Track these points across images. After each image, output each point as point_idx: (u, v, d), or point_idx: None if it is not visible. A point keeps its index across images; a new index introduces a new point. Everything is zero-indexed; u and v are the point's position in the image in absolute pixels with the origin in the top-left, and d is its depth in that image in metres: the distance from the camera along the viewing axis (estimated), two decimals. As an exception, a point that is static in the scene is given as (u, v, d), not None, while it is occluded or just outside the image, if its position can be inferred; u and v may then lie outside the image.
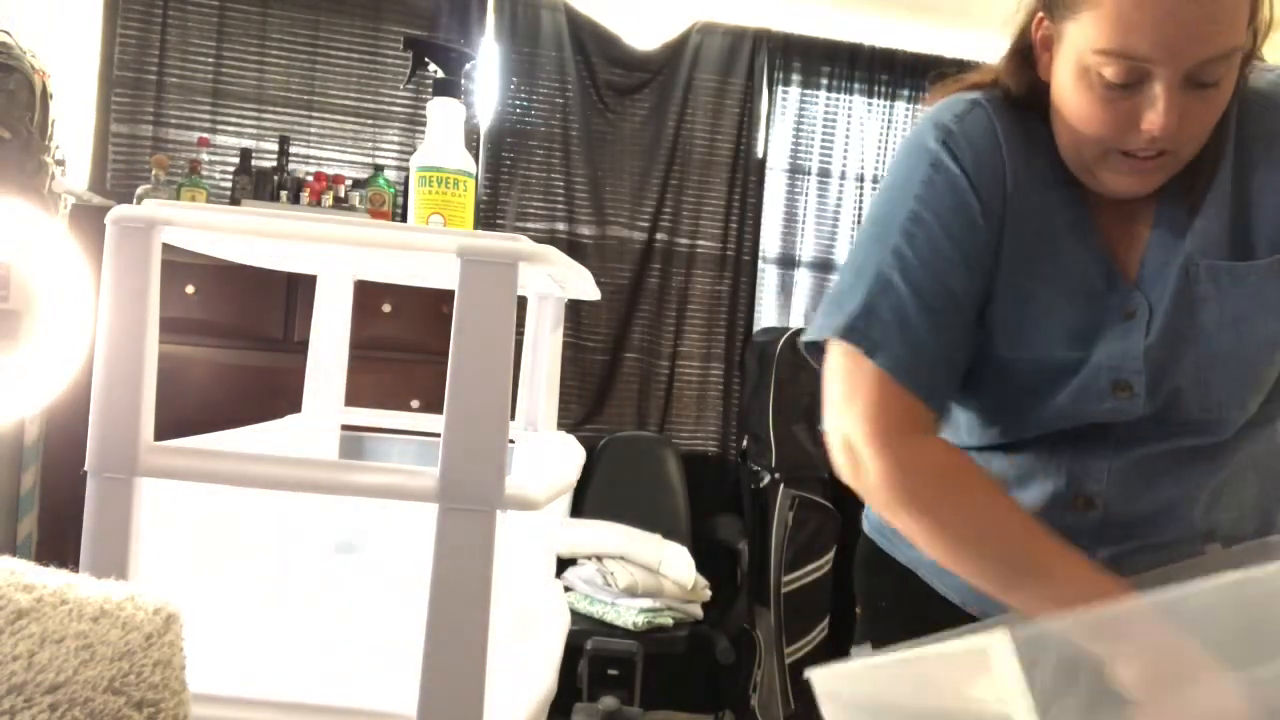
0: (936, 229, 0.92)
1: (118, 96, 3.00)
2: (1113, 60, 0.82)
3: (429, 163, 1.09)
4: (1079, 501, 0.98)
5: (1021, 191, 0.94)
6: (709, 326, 3.40)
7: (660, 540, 2.86)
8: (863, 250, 0.95)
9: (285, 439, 1.33)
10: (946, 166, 0.93)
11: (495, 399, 0.87)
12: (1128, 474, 0.96)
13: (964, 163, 0.93)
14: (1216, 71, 0.82)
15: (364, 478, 0.89)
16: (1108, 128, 0.86)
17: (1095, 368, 0.94)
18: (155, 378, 0.91)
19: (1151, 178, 0.88)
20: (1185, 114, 0.83)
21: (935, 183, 0.93)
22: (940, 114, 0.97)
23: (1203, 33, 0.79)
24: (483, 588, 0.86)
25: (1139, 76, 0.82)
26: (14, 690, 0.60)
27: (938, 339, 0.91)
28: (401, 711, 0.88)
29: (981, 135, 0.95)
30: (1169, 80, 0.81)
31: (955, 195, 0.93)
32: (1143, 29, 0.80)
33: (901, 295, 0.90)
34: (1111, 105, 0.84)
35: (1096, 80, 0.84)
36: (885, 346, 0.89)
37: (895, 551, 1.11)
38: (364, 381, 1.74)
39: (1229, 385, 0.93)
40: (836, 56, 3.42)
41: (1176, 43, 0.80)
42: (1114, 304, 0.94)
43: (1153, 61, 0.81)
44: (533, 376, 1.31)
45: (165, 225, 0.90)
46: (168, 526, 0.95)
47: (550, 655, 1.19)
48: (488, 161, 3.24)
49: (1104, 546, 0.97)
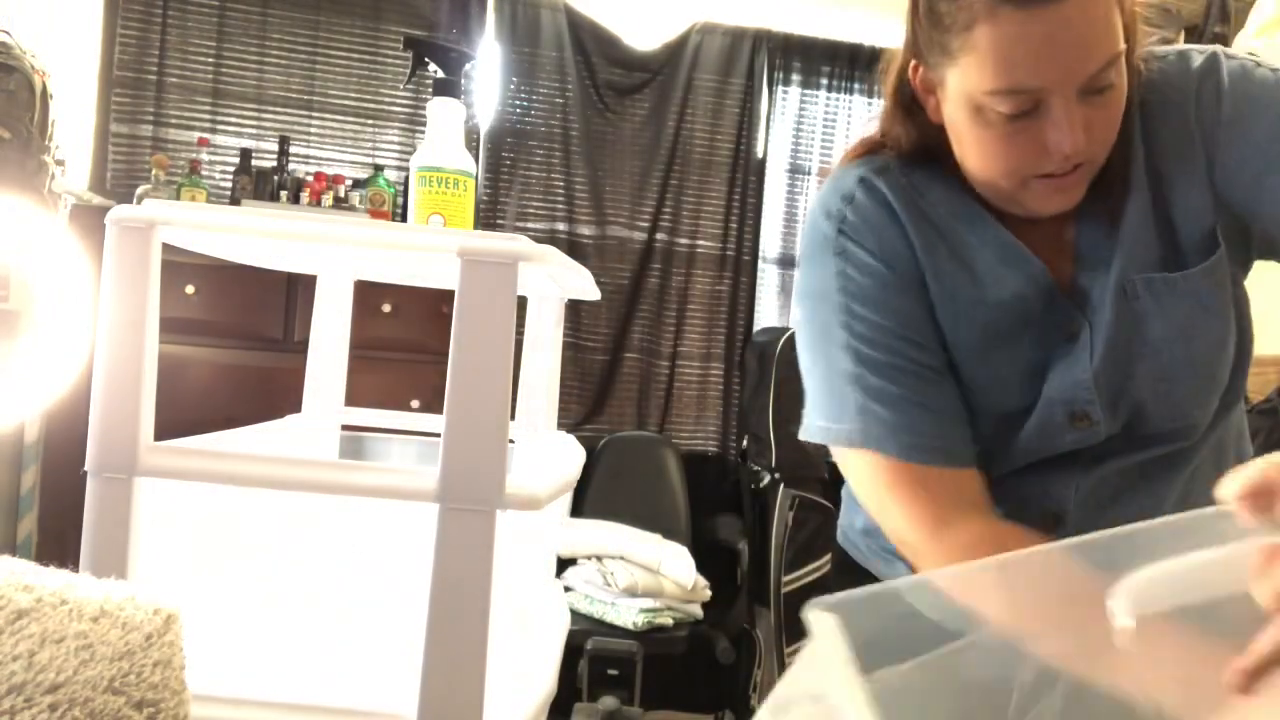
0: (870, 311, 0.92)
1: (118, 96, 3.00)
2: (1004, 97, 0.81)
3: (429, 163, 1.09)
4: (1048, 521, 0.96)
5: (932, 252, 0.93)
6: (709, 326, 3.40)
7: (660, 540, 2.86)
8: (819, 357, 0.95)
9: (285, 439, 1.33)
10: (852, 253, 0.93)
11: (495, 399, 0.87)
12: (1097, 490, 0.96)
13: (865, 244, 0.93)
14: (1107, 77, 0.81)
15: (364, 478, 0.89)
16: (1017, 159, 0.85)
17: (1049, 402, 0.93)
18: (155, 378, 0.91)
19: (1074, 191, 0.88)
20: (1089, 123, 0.82)
21: (847, 271, 0.93)
22: (829, 201, 0.97)
23: (1085, 49, 0.79)
24: (483, 588, 0.86)
25: (1034, 103, 0.81)
26: (14, 690, 0.60)
27: (929, 404, 0.91)
28: (401, 711, 0.87)
29: (874, 211, 0.94)
30: (1065, 99, 0.80)
31: (869, 276, 0.93)
32: (1026, 62, 0.79)
33: (874, 384, 0.90)
34: (1015, 137, 0.83)
35: (995, 118, 0.83)
36: (891, 438, 0.89)
37: (868, 565, 1.10)
38: (364, 381, 1.75)
39: (1189, 391, 0.92)
40: (836, 56, 3.42)
41: (1062, 66, 0.79)
42: (1054, 324, 0.93)
43: (1044, 89, 0.80)
44: (533, 376, 1.31)
45: (165, 225, 0.90)
46: (168, 526, 0.95)
47: (550, 655, 1.19)
48: (488, 161, 3.24)
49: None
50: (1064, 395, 0.92)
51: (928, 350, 0.93)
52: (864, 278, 0.93)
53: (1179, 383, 0.92)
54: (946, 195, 0.94)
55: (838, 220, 0.95)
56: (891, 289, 0.92)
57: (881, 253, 0.93)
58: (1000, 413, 0.95)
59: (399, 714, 0.88)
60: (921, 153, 0.95)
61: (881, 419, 0.89)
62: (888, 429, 0.89)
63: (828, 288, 0.94)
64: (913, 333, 0.92)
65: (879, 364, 0.91)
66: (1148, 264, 0.90)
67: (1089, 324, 0.92)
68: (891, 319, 0.92)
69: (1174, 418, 0.93)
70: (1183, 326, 0.90)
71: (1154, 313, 0.90)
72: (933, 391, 0.91)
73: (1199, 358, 0.91)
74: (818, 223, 0.97)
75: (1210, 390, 0.94)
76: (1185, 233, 0.90)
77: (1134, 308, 0.90)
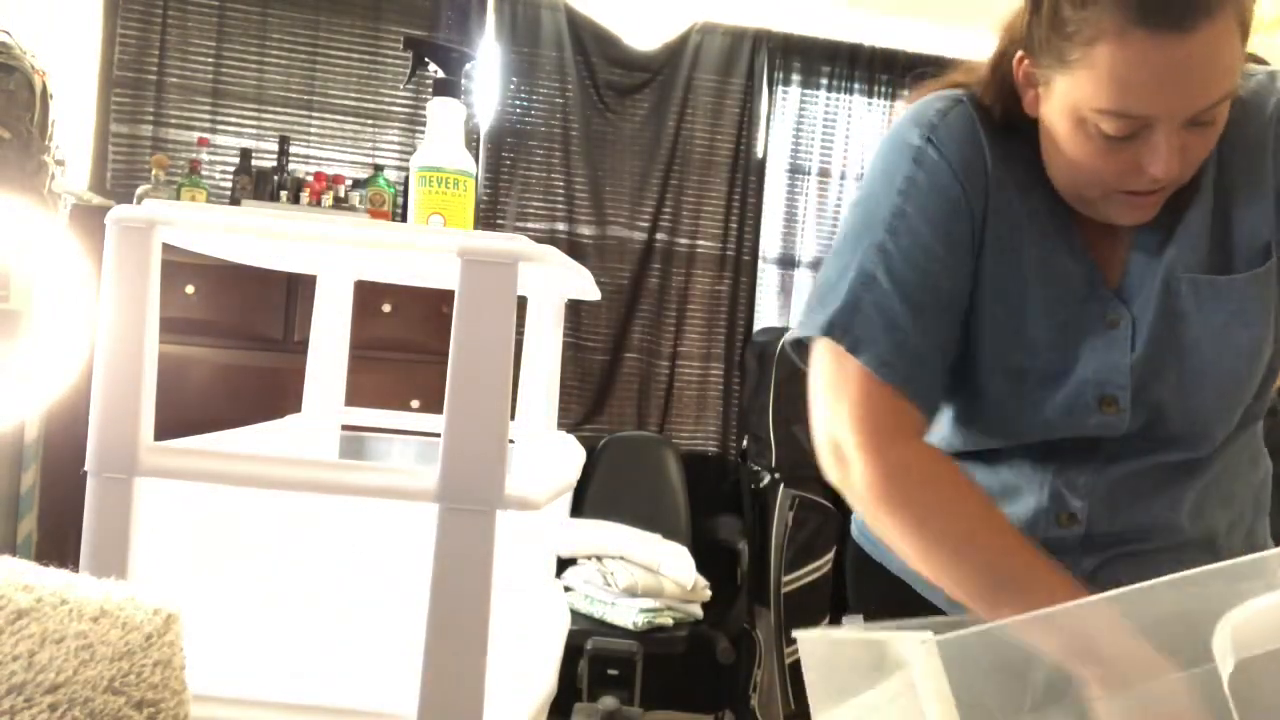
0: (920, 223, 0.91)
1: (118, 96, 3.00)
2: (1113, 119, 0.81)
3: (429, 163, 1.09)
4: (1062, 518, 0.97)
5: (1003, 189, 0.93)
6: (709, 326, 3.40)
7: (660, 540, 2.86)
8: (846, 246, 0.94)
9: (285, 439, 1.33)
10: (931, 159, 0.92)
11: (495, 399, 0.87)
12: (1112, 490, 0.96)
13: (948, 155, 0.92)
14: (1215, 112, 0.81)
15: (364, 478, 0.89)
16: (1110, 175, 0.85)
17: (1081, 381, 0.93)
18: (155, 378, 0.91)
19: (1153, 208, 0.88)
20: (1185, 150, 0.82)
21: (918, 178, 0.92)
22: (923, 110, 0.96)
23: (1204, 85, 0.79)
24: (483, 588, 0.86)
25: (1140, 127, 0.81)
26: (14, 690, 0.60)
27: (923, 336, 0.90)
28: (401, 711, 0.87)
29: (964, 130, 0.94)
30: (1170, 128, 0.81)
31: (939, 188, 0.92)
32: (1143, 90, 0.78)
33: (886, 291, 0.89)
34: (1113, 155, 0.84)
35: (1095, 132, 0.83)
36: (870, 343, 0.88)
37: (884, 560, 1.10)
38: (364, 381, 1.74)
39: (1212, 398, 0.93)
40: (836, 56, 3.42)
41: (1178, 99, 0.79)
42: (1095, 310, 0.93)
43: (1154, 116, 0.80)
44: (533, 376, 1.31)
45: (165, 225, 0.90)
46: (168, 526, 0.95)
47: (550, 655, 1.19)
48: (488, 161, 3.24)
49: (1088, 557, 0.97)
50: (1098, 376, 0.92)
51: (954, 283, 0.92)
52: (932, 190, 0.92)
53: (1202, 389, 0.92)
54: (1030, 154, 0.93)
55: (927, 129, 0.94)
56: (957, 213, 0.92)
57: (960, 167, 0.92)
58: (1019, 367, 0.94)
59: (399, 714, 0.88)
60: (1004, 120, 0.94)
61: (874, 327, 0.89)
62: (874, 340, 0.88)
63: (890, 188, 0.93)
64: (951, 260, 0.91)
65: (905, 281, 0.89)
66: (1197, 265, 0.91)
67: (1131, 315, 0.92)
68: (936, 234, 0.91)
69: (1192, 423, 0.93)
70: (1217, 332, 0.91)
71: (1192, 313, 0.91)
72: (932, 325, 0.91)
73: (1226, 367, 0.92)
74: (903, 130, 0.96)
75: (1231, 402, 0.94)
76: (1240, 243, 0.91)
77: (1175, 305, 0.91)
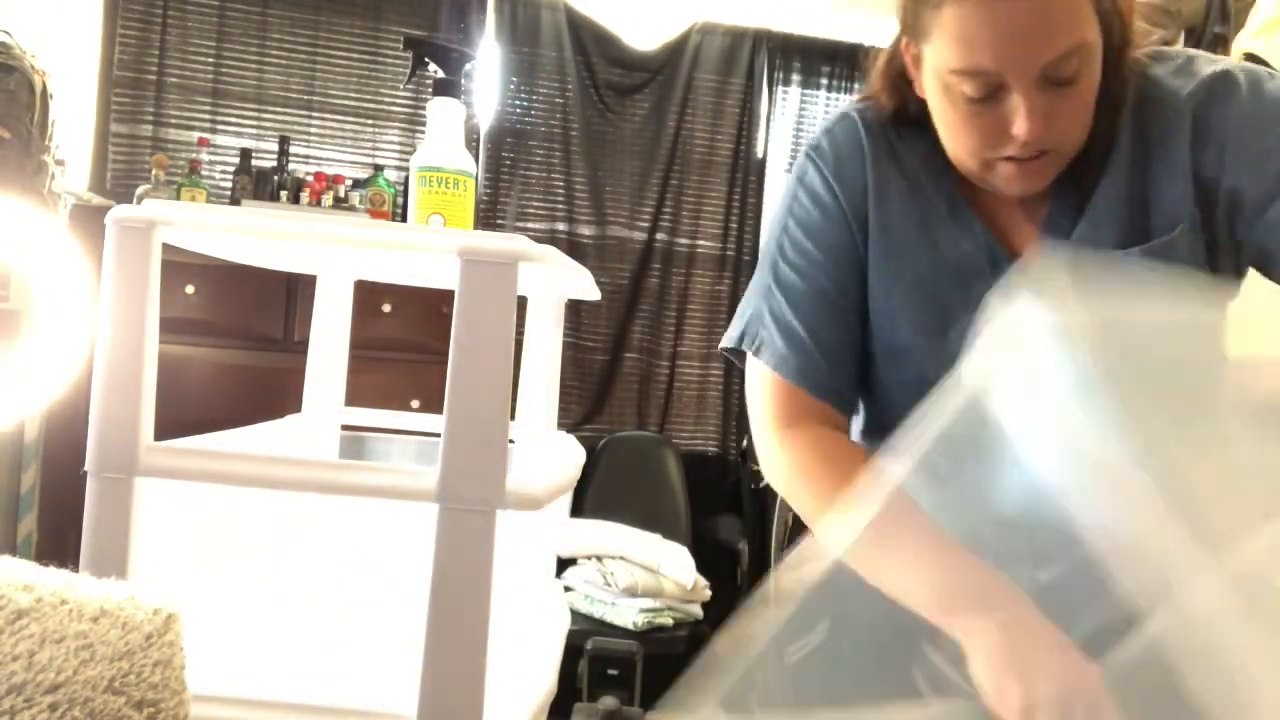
0: (799, 234, 1.00)
1: (118, 96, 3.00)
2: (967, 78, 0.84)
3: (429, 163, 1.09)
4: None
5: (886, 187, 0.98)
6: (709, 326, 3.41)
7: (660, 540, 2.86)
8: (759, 265, 1.04)
9: (285, 439, 1.33)
10: (810, 175, 1.01)
11: (495, 399, 0.87)
12: None
13: (825, 169, 1.00)
14: (1070, 68, 0.83)
15: (364, 478, 0.89)
16: (980, 139, 0.87)
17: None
18: (155, 378, 0.91)
19: (1039, 176, 0.89)
20: (1050, 113, 0.84)
21: (799, 194, 1.01)
22: (816, 134, 1.05)
23: (1042, 37, 0.81)
24: (483, 588, 0.86)
25: (996, 87, 0.84)
26: (14, 690, 0.60)
27: (816, 336, 0.97)
28: (401, 711, 0.88)
29: (846, 140, 1.00)
30: (1024, 86, 0.83)
31: (815, 199, 1.00)
32: (985, 44, 0.82)
33: (778, 299, 0.99)
34: (978, 118, 0.86)
35: (959, 97, 0.86)
36: (769, 346, 0.98)
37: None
38: (364, 381, 1.74)
39: None
40: (836, 56, 3.42)
41: (1019, 51, 0.81)
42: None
43: (1002, 72, 0.82)
44: (533, 376, 1.31)
45: (165, 225, 0.90)
46: (168, 526, 0.95)
47: (550, 655, 1.19)
48: (488, 161, 3.24)
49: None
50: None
51: (842, 288, 0.98)
52: (811, 204, 1.00)
53: None
54: (925, 148, 0.96)
55: (811, 149, 1.03)
56: (831, 220, 0.99)
57: (836, 182, 0.99)
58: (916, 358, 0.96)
59: (399, 714, 0.88)
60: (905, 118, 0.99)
61: (772, 331, 0.99)
62: (772, 342, 0.98)
63: (783, 210, 1.03)
64: (833, 267, 0.98)
65: (792, 287, 0.99)
66: (1109, 244, 0.91)
67: None
68: (820, 249, 0.99)
69: None
70: None
71: None
72: (828, 325, 0.98)
73: None
74: (800, 157, 1.04)
75: None
76: (1158, 224, 0.91)
77: None
